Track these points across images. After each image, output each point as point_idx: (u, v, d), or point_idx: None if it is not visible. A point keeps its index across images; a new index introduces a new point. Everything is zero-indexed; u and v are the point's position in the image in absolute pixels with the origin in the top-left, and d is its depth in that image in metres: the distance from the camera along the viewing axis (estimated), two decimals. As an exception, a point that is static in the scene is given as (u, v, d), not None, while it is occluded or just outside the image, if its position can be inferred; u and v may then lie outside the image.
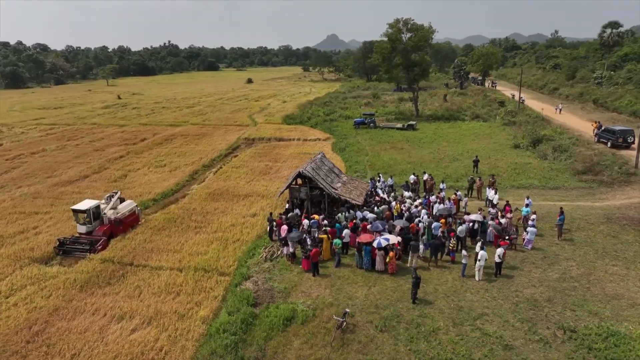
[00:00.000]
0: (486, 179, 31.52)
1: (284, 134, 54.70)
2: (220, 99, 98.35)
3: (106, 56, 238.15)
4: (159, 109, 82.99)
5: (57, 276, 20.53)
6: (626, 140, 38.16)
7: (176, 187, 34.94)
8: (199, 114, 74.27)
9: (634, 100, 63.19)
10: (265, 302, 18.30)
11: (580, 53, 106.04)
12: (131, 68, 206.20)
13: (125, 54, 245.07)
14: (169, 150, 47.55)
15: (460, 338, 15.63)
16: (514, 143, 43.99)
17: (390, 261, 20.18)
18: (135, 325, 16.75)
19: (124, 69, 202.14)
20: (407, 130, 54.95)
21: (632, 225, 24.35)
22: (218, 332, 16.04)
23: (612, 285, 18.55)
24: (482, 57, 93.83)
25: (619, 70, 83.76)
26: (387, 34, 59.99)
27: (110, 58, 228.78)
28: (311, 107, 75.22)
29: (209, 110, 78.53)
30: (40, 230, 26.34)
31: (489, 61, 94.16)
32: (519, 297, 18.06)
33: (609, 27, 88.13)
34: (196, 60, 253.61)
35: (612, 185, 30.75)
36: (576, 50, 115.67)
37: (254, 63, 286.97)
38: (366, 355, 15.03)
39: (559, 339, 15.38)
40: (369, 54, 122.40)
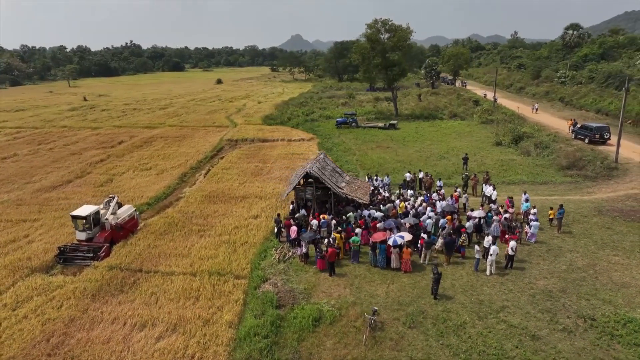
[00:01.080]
0: (480, 175, 32.39)
1: (267, 135, 54.31)
2: (192, 100, 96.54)
3: (65, 56, 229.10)
4: (130, 111, 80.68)
5: (64, 285, 19.69)
6: (602, 136, 40.14)
7: (167, 190, 34.13)
8: (174, 116, 72.67)
9: (598, 99, 66.42)
10: (288, 303, 18.19)
11: (542, 53, 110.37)
12: (93, 69, 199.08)
13: (86, 54, 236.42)
14: (152, 153, 46.32)
15: (489, 331, 16.06)
16: (496, 140, 45.42)
17: (405, 259, 20.47)
18: (159, 333, 16.30)
19: (85, 70, 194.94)
20: (389, 129, 55.72)
21: (622, 217, 25.66)
22: (249, 335, 15.84)
23: (618, 274, 19.52)
24: (452, 58, 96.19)
25: (580, 70, 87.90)
26: (367, 34, 60.60)
27: (70, 58, 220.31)
28: (289, 108, 75.07)
29: (184, 112, 76.96)
30: (33, 239, 25.15)
31: (459, 61, 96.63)
32: (534, 289, 18.72)
33: (571, 29, 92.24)
34: (160, 60, 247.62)
35: (596, 179, 32.30)
36: (538, 51, 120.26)
37: (220, 63, 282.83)
38: (400, 352, 15.22)
39: (580, 327, 16.06)
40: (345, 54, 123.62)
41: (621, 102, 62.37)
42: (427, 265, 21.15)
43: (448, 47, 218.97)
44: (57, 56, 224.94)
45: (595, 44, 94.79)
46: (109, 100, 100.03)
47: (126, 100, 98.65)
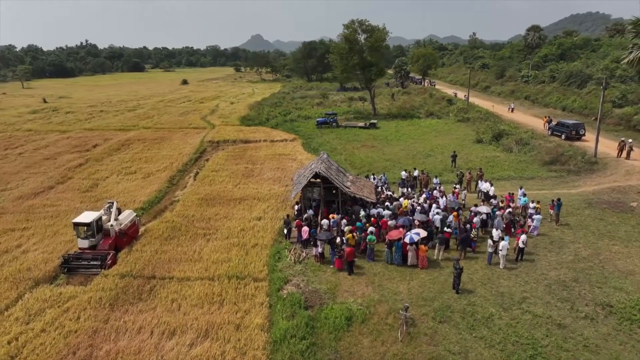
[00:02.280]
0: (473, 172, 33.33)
1: (248, 136, 53.76)
2: (161, 101, 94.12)
3: (15, 56, 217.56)
4: (97, 113, 77.80)
5: (76, 296, 18.86)
6: (578, 132, 42.23)
7: (159, 194, 33.22)
8: (145, 118, 70.61)
9: (562, 97, 69.64)
10: (316, 304, 18.18)
11: (504, 54, 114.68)
12: (47, 69, 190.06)
13: (39, 54, 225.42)
14: (132, 156, 44.88)
15: (516, 322, 16.65)
16: (476, 138, 46.86)
17: (422, 255, 20.88)
18: (190, 340, 15.92)
19: (39, 70, 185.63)
20: (370, 128, 56.37)
21: (611, 209, 27.15)
22: (285, 338, 15.72)
23: (622, 263, 20.67)
24: (421, 58, 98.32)
25: (542, 69, 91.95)
26: (344, 35, 61.05)
27: (21, 58, 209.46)
28: (264, 108, 74.58)
29: (155, 114, 74.91)
30: (28, 249, 23.89)
31: (428, 61, 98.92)
32: (548, 280, 19.54)
33: (532, 30, 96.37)
34: (119, 60, 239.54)
35: (579, 173, 33.99)
36: (500, 52, 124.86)
37: (182, 63, 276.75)
38: (437, 347, 15.55)
39: (600, 314, 16.93)
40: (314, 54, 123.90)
41: (584, 100, 66.16)
42: (441, 261, 21.63)
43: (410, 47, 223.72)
44: (7, 56, 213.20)
45: (554, 45, 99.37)
46: (72, 102, 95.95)
47: (90, 102, 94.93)
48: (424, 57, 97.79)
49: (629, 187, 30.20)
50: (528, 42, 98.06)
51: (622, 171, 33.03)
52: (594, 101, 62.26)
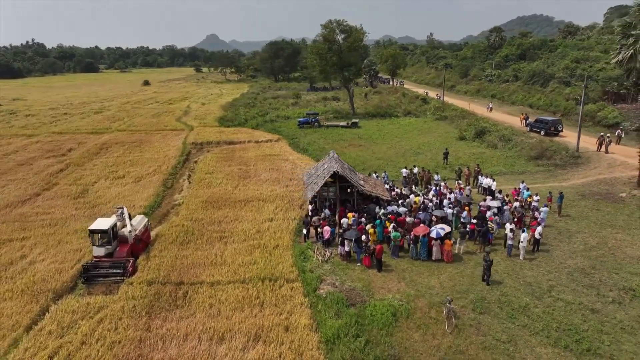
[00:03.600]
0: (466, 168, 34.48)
1: (231, 137, 53.01)
2: (126, 102, 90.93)
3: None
4: (61, 116, 74.18)
5: (107, 306, 18.12)
6: (557, 128, 44.53)
7: (157, 198, 32.27)
8: (116, 120, 68.09)
9: (526, 95, 73.08)
10: (357, 302, 18.34)
11: (466, 54, 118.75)
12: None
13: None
14: (115, 160, 43.23)
15: (552, 309, 17.51)
16: (459, 135, 48.41)
17: (447, 250, 21.50)
18: (242, 345, 15.70)
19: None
20: (352, 128, 56.95)
21: (604, 200, 28.91)
22: (338, 337, 15.81)
23: (630, 250, 22.10)
24: (390, 58, 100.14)
25: (504, 69, 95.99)
26: (323, 35, 61.34)
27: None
28: (238, 109, 73.70)
29: (125, 116, 72.36)
30: (34, 259, 22.64)
31: (397, 61, 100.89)
32: (568, 268, 20.63)
33: (494, 32, 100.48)
34: (71, 61, 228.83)
35: (565, 167, 35.91)
36: (461, 52, 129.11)
37: (137, 64, 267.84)
38: (486, 336, 16.11)
39: (625, 298, 18.08)
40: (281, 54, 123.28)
41: (548, 97, 69.54)
42: (462, 255, 22.34)
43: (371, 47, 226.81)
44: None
45: (513, 45, 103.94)
46: (29, 104, 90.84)
47: (50, 104, 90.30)
48: (393, 57, 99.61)
49: (614, 178, 32.22)
50: (490, 43, 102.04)
51: (605, 164, 35.17)
52: (558, 99, 65.76)
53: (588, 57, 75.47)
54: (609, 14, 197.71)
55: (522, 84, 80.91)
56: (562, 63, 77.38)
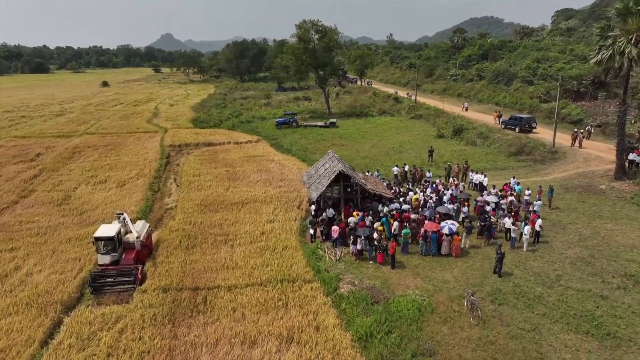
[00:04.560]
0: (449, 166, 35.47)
1: (209, 139, 52.03)
2: (88, 104, 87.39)
3: None
4: (20, 119, 70.30)
5: (124, 315, 17.45)
6: (530, 125, 46.51)
7: (147, 202, 31.25)
8: (82, 123, 65.28)
9: (492, 94, 75.98)
10: (380, 299, 18.54)
11: (430, 54, 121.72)
12: None
13: None
14: (92, 165, 41.43)
15: (565, 297, 18.38)
16: (438, 133, 49.66)
17: (456, 245, 22.10)
18: (276, 347, 15.55)
19: None
20: (330, 127, 57.24)
21: (586, 192, 30.54)
22: (370, 334, 15.95)
23: (621, 238, 23.48)
24: (358, 58, 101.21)
25: (468, 69, 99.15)
26: (298, 35, 61.28)
27: None
28: (210, 110, 72.46)
29: (90, 118, 69.52)
30: (31, 271, 21.43)
31: (365, 61, 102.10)
32: (570, 258, 21.69)
33: (457, 33, 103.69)
34: (18, 61, 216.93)
35: (545, 162, 37.63)
36: (424, 52, 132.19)
37: (91, 64, 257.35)
38: (510, 326, 16.72)
39: (629, 284, 19.22)
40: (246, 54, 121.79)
41: (513, 96, 72.39)
42: (468, 249, 23.01)
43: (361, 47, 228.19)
44: None
45: (475, 46, 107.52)
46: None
47: (3, 106, 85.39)
48: (360, 58, 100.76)
49: (592, 172, 34.09)
50: (454, 43, 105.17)
51: (581, 159, 37.13)
52: (522, 97, 68.71)
53: (548, 57, 79.12)
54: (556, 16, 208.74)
55: (487, 83, 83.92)
56: (523, 63, 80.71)
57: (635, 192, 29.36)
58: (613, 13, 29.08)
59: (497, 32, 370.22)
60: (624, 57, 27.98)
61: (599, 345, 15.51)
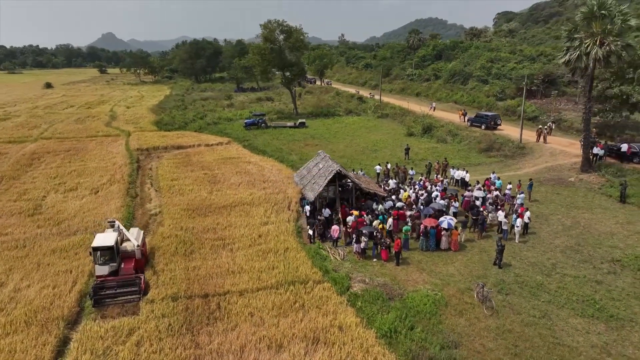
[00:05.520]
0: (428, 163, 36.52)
1: (177, 141, 50.49)
2: (34, 107, 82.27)
3: None
4: (-43, 123, 65.23)
5: (137, 327, 16.70)
6: (496, 122, 48.64)
7: (128, 209, 29.92)
8: (32, 127, 61.33)
9: (450, 93, 78.78)
10: (394, 295, 18.83)
11: (385, 54, 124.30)
12: None
13: None
14: (56, 171, 39.07)
15: (564, 284, 19.49)
16: (408, 132, 50.88)
17: (454, 239, 22.83)
18: (304, 349, 15.45)
19: None
20: (299, 128, 57.18)
21: (558, 184, 32.43)
22: (394, 331, 16.19)
23: (599, 227, 25.14)
24: (318, 58, 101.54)
25: (424, 68, 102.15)
26: (264, 35, 60.74)
27: None
28: (172, 112, 70.29)
29: (41, 122, 65.47)
30: (18, 287, 19.99)
31: (324, 61, 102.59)
32: (559, 247, 22.99)
33: (413, 34, 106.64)
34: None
35: (514, 157, 39.55)
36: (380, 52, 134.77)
37: (27, 64, 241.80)
38: (521, 315, 17.54)
39: (617, 269, 20.65)
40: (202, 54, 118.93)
41: (470, 95, 75.33)
42: (464, 243, 23.83)
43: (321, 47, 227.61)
44: None
45: (429, 47, 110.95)
46: None
47: None
48: (320, 58, 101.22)
49: (559, 165, 36.23)
50: (410, 44, 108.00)
51: (547, 153, 39.35)
52: (479, 96, 71.74)
53: (500, 58, 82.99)
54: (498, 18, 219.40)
55: (444, 82, 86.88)
56: (478, 63, 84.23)
57: (602, 183, 31.52)
58: (579, 16, 31.02)
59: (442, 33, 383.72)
60: (590, 57, 29.95)
61: (605, 327, 16.60)
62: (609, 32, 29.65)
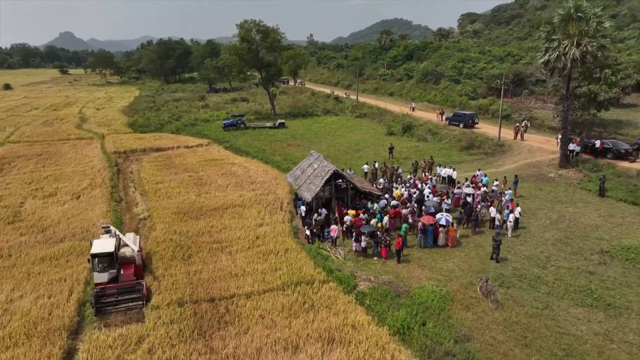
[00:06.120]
0: (418, 161, 37.14)
1: (155, 144, 49.40)
2: (-5, 111, 78.62)
3: None
4: None
5: (146, 334, 16.26)
6: (473, 121, 49.88)
7: (115, 214, 29.06)
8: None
9: (423, 92, 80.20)
10: (401, 292, 19.09)
11: (357, 54, 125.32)
12: None
13: None
14: (31, 176, 37.50)
15: (560, 276, 20.25)
16: (388, 131, 51.51)
17: (451, 235, 23.34)
18: (321, 350, 15.45)
19: None
20: (279, 128, 56.92)
21: (539, 180, 33.61)
22: (407, 328, 16.42)
23: (584, 220, 26.23)
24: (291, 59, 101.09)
25: (396, 68, 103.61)
26: (240, 35, 60.15)
27: None
28: (145, 113, 68.63)
29: (6, 125, 63.00)
30: (11, 297, 19.10)
31: (298, 61, 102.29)
32: (549, 240, 23.85)
33: (385, 34, 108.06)
34: None
35: (495, 155, 40.71)
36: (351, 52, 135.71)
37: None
38: (525, 307, 18.12)
39: (607, 259, 21.60)
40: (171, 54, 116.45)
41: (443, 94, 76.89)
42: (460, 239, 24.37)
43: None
44: None
45: (400, 47, 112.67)
46: None
47: None
48: (293, 58, 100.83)
49: (538, 162, 37.55)
50: (382, 44, 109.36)
51: (525, 150, 40.70)
52: (452, 95, 73.42)
53: (470, 58, 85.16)
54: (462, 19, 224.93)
55: (417, 82, 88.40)
56: (449, 63, 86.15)
57: (580, 178, 32.89)
58: (557, 18, 32.27)
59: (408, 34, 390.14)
60: (568, 57, 31.20)
61: (604, 316, 17.37)
62: (585, 34, 30.98)
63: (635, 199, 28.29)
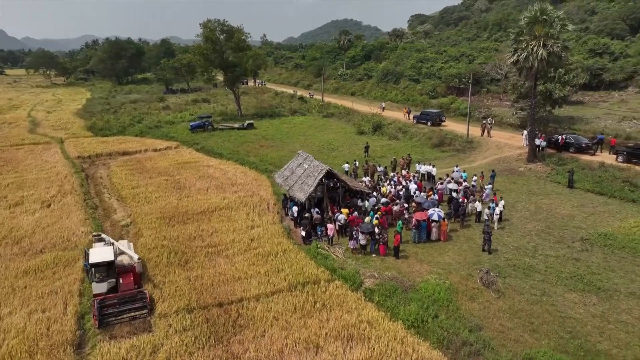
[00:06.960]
0: (395, 159, 37.95)
1: (121, 147, 47.46)
2: None
3: None
4: None
5: (160, 344, 15.74)
6: (440, 119, 51.48)
7: (95, 222, 27.75)
8: (-63, 136, 54.30)
9: (384, 92, 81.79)
10: (407, 287, 19.53)
11: (315, 54, 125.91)
12: None
13: None
14: (-10, 184, 35.11)
15: (550, 264, 21.42)
16: (358, 130, 52.21)
17: (444, 230, 24.12)
18: (342, 348, 15.58)
19: None
20: (248, 129, 56.31)
21: (511, 175, 35.30)
22: (421, 322, 16.87)
23: (560, 210, 27.85)
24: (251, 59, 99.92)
25: (355, 68, 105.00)
26: (205, 35, 58.91)
27: None
28: (104, 116, 65.66)
29: (-53, 130, 58.19)
30: (1, 314, 17.90)
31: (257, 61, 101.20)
32: (533, 231, 25.16)
33: (343, 34, 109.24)
34: None
35: (465, 151, 42.26)
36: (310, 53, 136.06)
37: None
38: (524, 295, 19.07)
39: (588, 246, 23.07)
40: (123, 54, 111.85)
41: (404, 93, 78.78)
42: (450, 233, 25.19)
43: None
44: None
45: (358, 47, 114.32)
46: None
47: None
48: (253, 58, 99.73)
49: (506, 157, 39.41)
50: (340, 45, 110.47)
51: (493, 147, 42.54)
52: (413, 94, 75.39)
53: (428, 58, 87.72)
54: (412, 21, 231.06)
55: (377, 81, 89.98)
56: (408, 63, 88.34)
57: (548, 171, 34.85)
58: (524, 20, 34.01)
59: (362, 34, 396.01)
60: (535, 58, 32.96)
61: (597, 299, 18.60)
62: (550, 35, 32.86)
63: (601, 189, 30.34)
